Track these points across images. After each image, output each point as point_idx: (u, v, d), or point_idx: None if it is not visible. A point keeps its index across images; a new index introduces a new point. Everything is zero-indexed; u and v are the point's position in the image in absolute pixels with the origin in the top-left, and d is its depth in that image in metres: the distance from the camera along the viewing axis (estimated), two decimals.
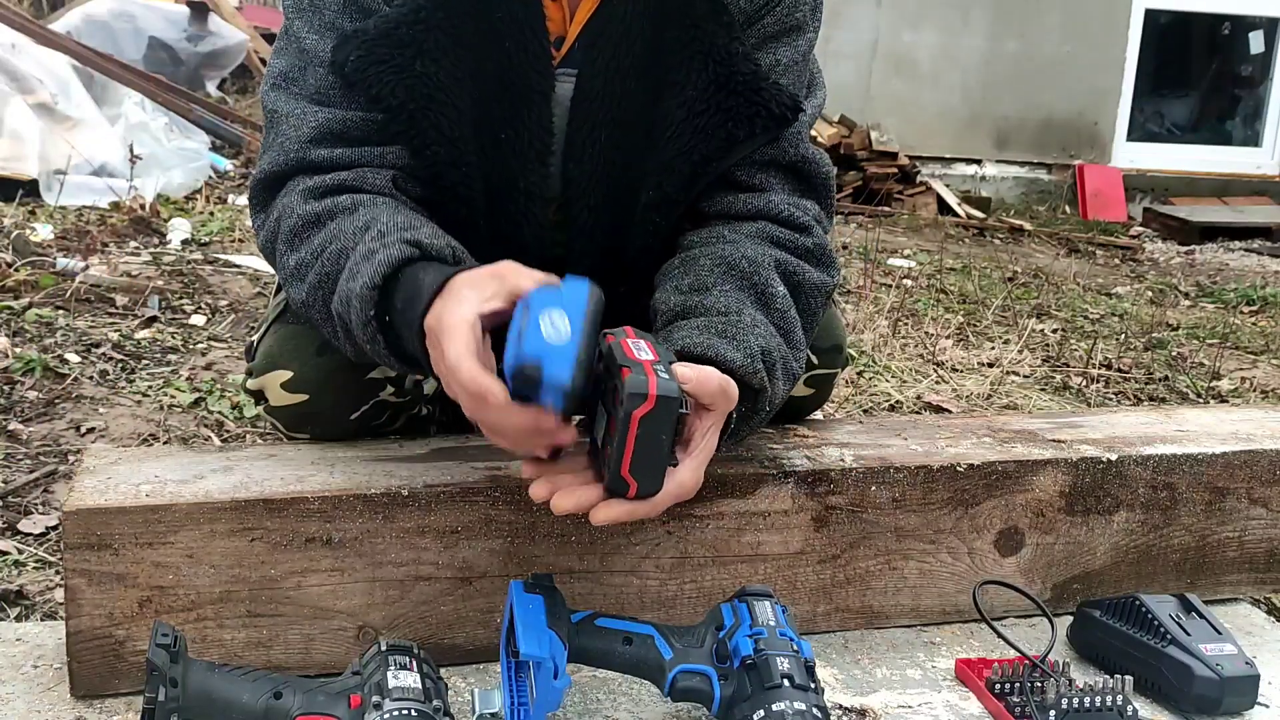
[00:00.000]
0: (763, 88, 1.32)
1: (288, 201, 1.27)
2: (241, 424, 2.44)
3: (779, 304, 1.29)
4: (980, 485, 1.44)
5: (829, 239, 1.41)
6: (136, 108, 5.22)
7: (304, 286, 1.23)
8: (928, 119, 7.07)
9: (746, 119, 1.32)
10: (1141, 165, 7.44)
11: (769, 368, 1.23)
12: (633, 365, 1.05)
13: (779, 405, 1.30)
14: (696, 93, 1.31)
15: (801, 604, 1.41)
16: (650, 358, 1.07)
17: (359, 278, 1.13)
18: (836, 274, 1.39)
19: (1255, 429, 1.64)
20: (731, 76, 1.31)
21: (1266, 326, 4.48)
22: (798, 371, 1.31)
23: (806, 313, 1.34)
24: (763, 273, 1.29)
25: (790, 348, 1.29)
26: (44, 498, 2.03)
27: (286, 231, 1.26)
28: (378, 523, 1.24)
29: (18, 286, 3.17)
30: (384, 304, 1.12)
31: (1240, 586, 1.61)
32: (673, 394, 1.04)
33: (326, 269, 1.20)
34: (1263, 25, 7.70)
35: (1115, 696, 1.23)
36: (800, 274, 1.34)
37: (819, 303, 1.37)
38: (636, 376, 1.04)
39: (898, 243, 5.56)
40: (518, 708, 1.15)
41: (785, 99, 1.33)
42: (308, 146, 1.28)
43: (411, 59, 1.26)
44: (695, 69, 1.31)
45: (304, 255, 1.23)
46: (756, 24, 1.35)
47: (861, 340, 3.44)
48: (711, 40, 1.31)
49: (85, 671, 1.20)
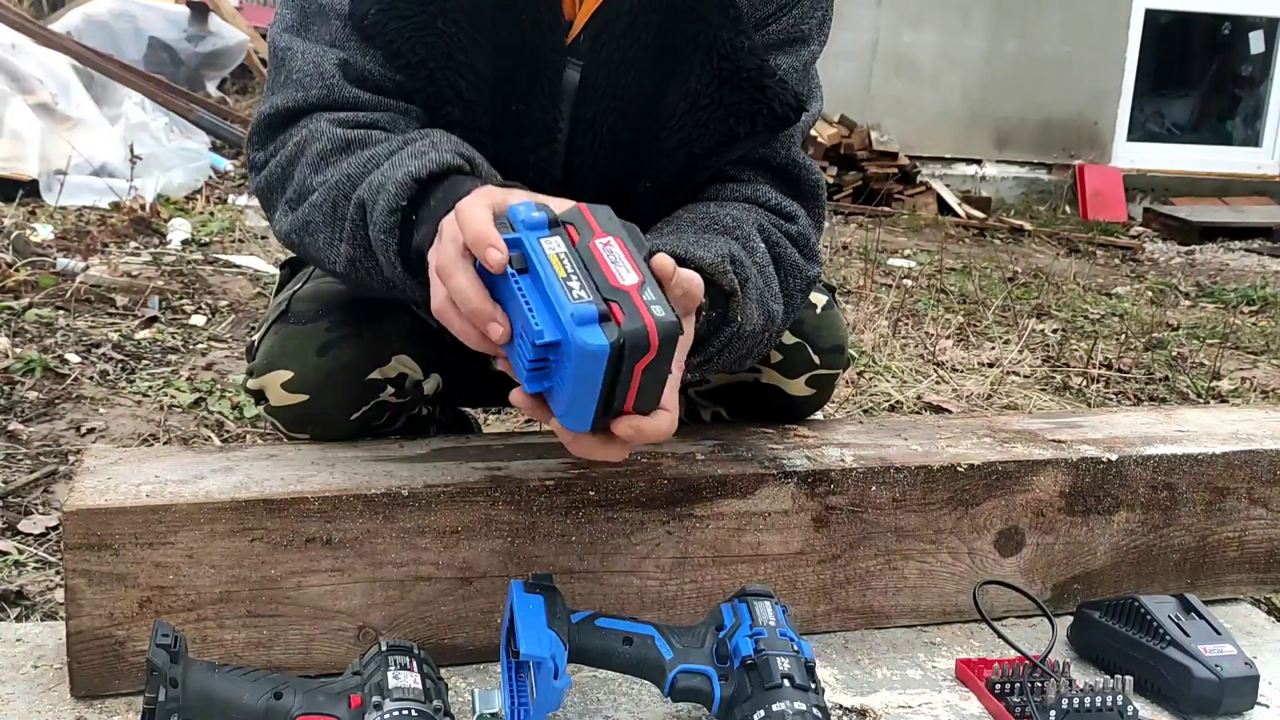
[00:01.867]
0: (767, 85, 1.32)
1: (316, 126, 1.24)
2: (241, 424, 2.44)
3: (758, 257, 1.27)
4: (980, 485, 1.44)
5: (814, 236, 1.40)
6: (136, 108, 5.22)
7: (317, 193, 1.20)
8: (928, 119, 7.07)
9: (748, 115, 1.31)
10: (1142, 165, 7.44)
11: (741, 279, 1.20)
12: (621, 300, 0.97)
13: (750, 339, 1.25)
14: (700, 86, 1.31)
15: (802, 604, 1.41)
16: (634, 279, 0.99)
17: (402, 168, 1.11)
18: (818, 267, 1.38)
19: (1255, 429, 1.64)
20: (736, 71, 1.31)
21: (1266, 326, 4.48)
22: (775, 315, 1.28)
23: (785, 289, 1.32)
24: (746, 228, 1.28)
25: (771, 299, 1.26)
26: (44, 498, 2.04)
27: (314, 154, 1.22)
28: (378, 523, 1.24)
29: (18, 286, 3.17)
30: (415, 202, 1.11)
31: (1240, 586, 1.61)
32: (672, 329, 0.98)
33: (353, 170, 1.17)
34: (1263, 25, 7.70)
35: (1115, 697, 1.23)
36: (782, 247, 1.32)
37: (798, 285, 1.34)
38: (632, 324, 0.96)
39: (898, 243, 5.56)
40: (518, 708, 1.15)
41: (789, 98, 1.33)
42: (333, 84, 1.26)
43: (433, 16, 1.25)
44: (699, 61, 1.31)
45: (330, 174, 1.20)
46: (763, 29, 1.35)
47: (861, 340, 3.44)
48: (717, 33, 1.30)
49: (85, 671, 1.20)
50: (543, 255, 0.99)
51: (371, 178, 1.14)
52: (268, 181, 1.28)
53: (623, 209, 1.36)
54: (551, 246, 0.99)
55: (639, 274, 1.00)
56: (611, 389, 0.99)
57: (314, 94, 1.26)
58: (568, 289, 0.96)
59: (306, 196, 1.22)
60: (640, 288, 0.98)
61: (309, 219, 1.22)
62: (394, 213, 1.11)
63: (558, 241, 1.00)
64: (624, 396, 1.00)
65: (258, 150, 1.30)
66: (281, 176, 1.26)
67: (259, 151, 1.30)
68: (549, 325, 0.96)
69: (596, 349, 0.94)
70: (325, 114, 1.25)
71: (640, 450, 1.39)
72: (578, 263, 0.99)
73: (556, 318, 0.96)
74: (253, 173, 1.32)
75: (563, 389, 0.99)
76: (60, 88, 4.95)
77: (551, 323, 0.96)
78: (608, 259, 1.00)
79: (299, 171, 1.23)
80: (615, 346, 0.95)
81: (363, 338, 1.32)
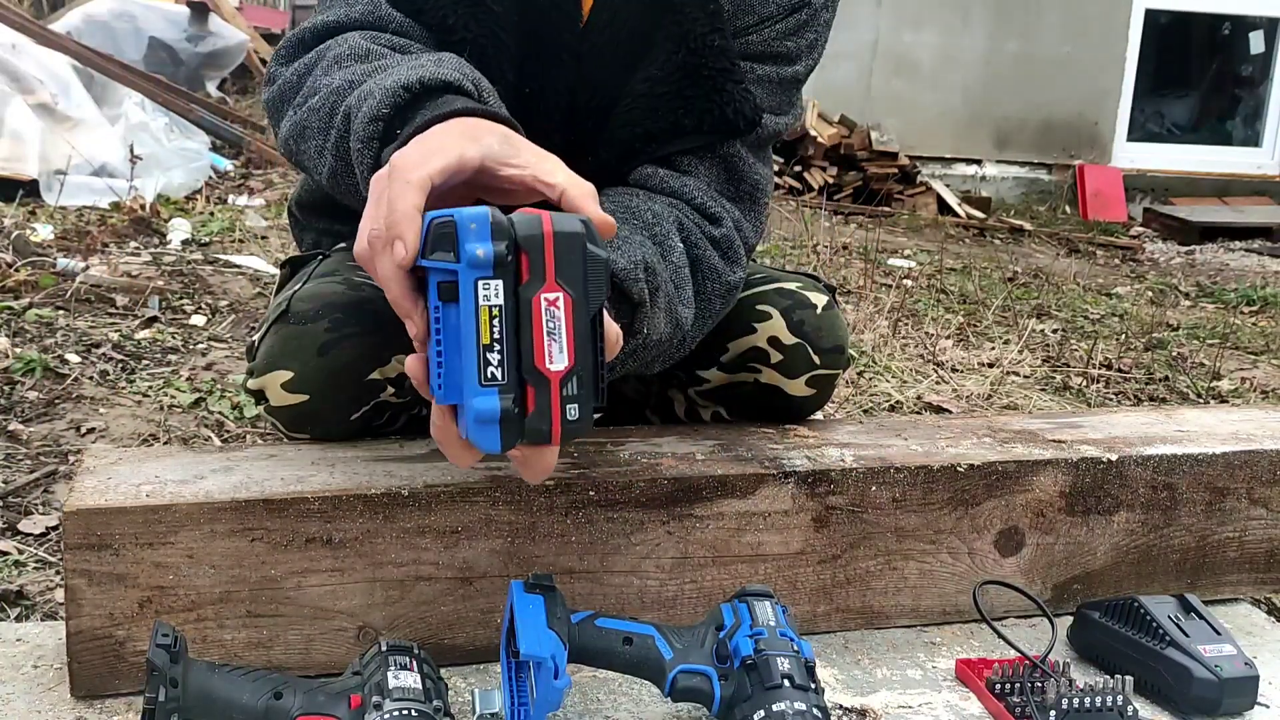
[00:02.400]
0: (727, 88, 1.31)
1: (345, 36, 1.21)
2: (241, 424, 2.44)
3: (674, 258, 1.26)
4: (980, 485, 1.44)
5: (740, 238, 1.38)
6: (136, 108, 5.22)
7: (319, 95, 1.16)
8: (928, 119, 7.07)
9: (699, 112, 1.31)
10: (1142, 165, 7.44)
11: (651, 288, 1.18)
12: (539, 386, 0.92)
13: (655, 348, 1.23)
14: (660, 73, 1.31)
15: (802, 604, 1.41)
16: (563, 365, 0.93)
17: (392, 76, 1.07)
18: (741, 271, 1.36)
19: (1255, 429, 1.64)
20: (699, 67, 1.30)
21: (1266, 326, 4.48)
22: (684, 322, 1.25)
23: (701, 294, 1.31)
24: (665, 225, 1.27)
25: (681, 304, 1.25)
26: (44, 498, 2.03)
27: (331, 58, 1.18)
28: (378, 523, 1.24)
29: (18, 286, 3.17)
30: (402, 112, 1.06)
31: (1240, 586, 1.61)
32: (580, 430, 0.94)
33: (357, 76, 1.13)
34: (1263, 25, 7.70)
35: (1115, 697, 1.23)
36: (701, 249, 1.31)
37: (715, 290, 1.33)
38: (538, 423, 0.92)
39: (898, 243, 5.56)
40: (518, 708, 1.15)
41: (747, 108, 1.32)
42: (382, 4, 1.24)
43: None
44: (667, 50, 1.31)
45: (334, 79, 1.15)
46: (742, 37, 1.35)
47: (861, 340, 3.44)
48: (690, 27, 1.31)
49: (85, 671, 1.20)
50: (472, 308, 0.90)
51: (365, 86, 1.10)
52: (281, 90, 1.24)
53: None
54: (488, 296, 0.91)
55: (570, 357, 0.92)
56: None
57: (357, 10, 1.24)
58: (483, 361, 0.90)
59: (309, 98, 1.17)
60: (565, 378, 0.92)
61: (306, 123, 1.17)
62: (375, 121, 1.06)
63: (497, 290, 0.91)
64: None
65: (282, 65, 1.26)
66: (296, 84, 1.22)
67: (283, 66, 1.25)
68: (449, 388, 0.93)
69: (485, 447, 0.93)
70: (360, 31, 1.22)
71: (641, 450, 1.39)
72: (508, 327, 0.91)
73: (459, 388, 0.92)
74: (268, 85, 1.28)
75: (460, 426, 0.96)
76: (60, 88, 4.95)
77: (452, 388, 0.93)
78: (545, 328, 0.91)
79: (313, 75, 1.20)
80: (507, 444, 0.92)
81: (363, 338, 1.32)
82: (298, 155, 1.23)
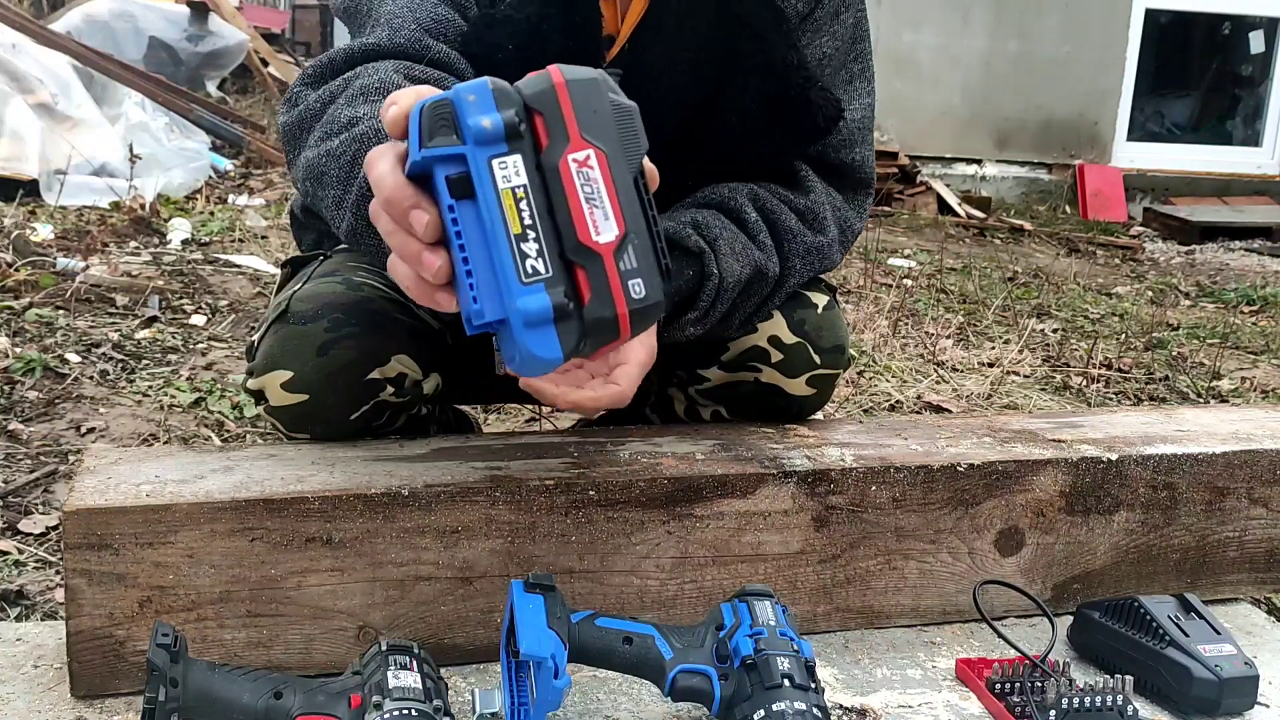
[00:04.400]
0: (810, 98, 1.35)
1: (378, 66, 1.16)
2: (241, 424, 2.44)
3: (745, 216, 1.31)
4: (980, 485, 1.44)
5: (835, 216, 1.43)
6: (136, 108, 5.23)
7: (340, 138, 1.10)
8: (928, 119, 7.07)
9: (793, 129, 1.36)
10: (1142, 165, 7.44)
11: (709, 238, 1.23)
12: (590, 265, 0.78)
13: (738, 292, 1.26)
14: (752, 104, 1.35)
15: (802, 604, 1.41)
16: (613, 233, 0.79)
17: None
18: (822, 238, 1.40)
19: (1255, 429, 1.64)
20: (785, 89, 1.34)
21: (1266, 326, 4.48)
22: (766, 271, 1.26)
23: (781, 253, 1.35)
24: (738, 199, 1.33)
25: (758, 250, 1.29)
26: (44, 498, 2.04)
27: (358, 88, 1.14)
28: (378, 523, 1.24)
29: (18, 286, 3.17)
30: None
31: (1240, 586, 1.61)
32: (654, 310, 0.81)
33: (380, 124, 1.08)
34: (1263, 25, 7.70)
35: (1115, 696, 1.23)
36: (778, 214, 1.36)
37: (796, 249, 1.37)
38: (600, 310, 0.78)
39: (898, 243, 5.56)
40: (518, 708, 1.15)
41: (830, 109, 1.37)
42: (424, 35, 1.22)
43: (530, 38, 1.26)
44: (755, 82, 1.34)
45: (362, 115, 1.10)
46: (808, 19, 1.40)
47: (861, 340, 3.44)
48: (771, 52, 1.34)
49: (85, 671, 1.20)
50: (492, 196, 0.77)
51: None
52: (302, 116, 1.18)
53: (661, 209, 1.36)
54: (507, 177, 0.77)
55: (619, 223, 0.78)
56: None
57: (402, 37, 1.20)
58: (519, 255, 0.77)
59: (331, 137, 1.11)
60: (619, 247, 0.78)
61: (324, 169, 1.12)
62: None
63: (516, 166, 0.78)
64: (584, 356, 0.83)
65: (308, 87, 1.20)
66: (318, 112, 1.16)
67: (309, 89, 1.20)
68: (488, 301, 0.79)
69: (547, 360, 0.78)
70: (393, 61, 1.17)
71: (641, 450, 1.39)
72: (540, 202, 0.77)
73: (498, 297, 0.78)
74: (287, 107, 1.21)
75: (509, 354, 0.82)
76: (60, 88, 4.95)
77: (490, 300, 0.78)
78: (582, 195, 0.78)
79: (336, 104, 1.14)
80: (569, 347, 0.78)
81: (362, 338, 1.32)
82: (313, 197, 1.17)
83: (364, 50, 1.21)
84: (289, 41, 10.69)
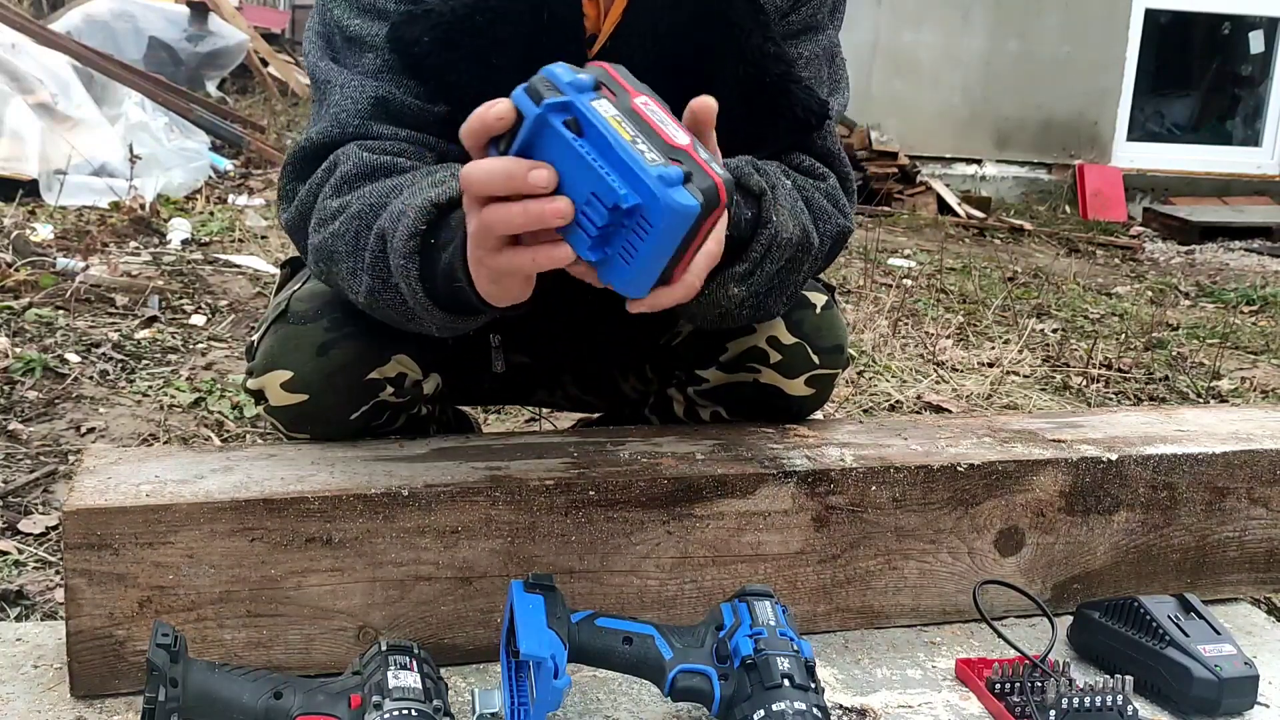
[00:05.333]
0: (791, 89, 1.34)
1: (347, 151, 1.24)
2: (241, 424, 2.44)
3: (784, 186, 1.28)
4: (980, 485, 1.44)
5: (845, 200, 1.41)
6: (136, 108, 5.23)
7: (338, 220, 1.19)
8: (928, 119, 7.07)
9: (772, 120, 1.34)
10: (1141, 165, 7.44)
11: (770, 185, 1.21)
12: (683, 158, 0.95)
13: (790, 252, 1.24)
14: (728, 91, 1.32)
15: (801, 604, 1.41)
16: (686, 138, 0.97)
17: (422, 194, 1.11)
18: (847, 220, 1.39)
19: (1255, 429, 1.64)
20: (762, 77, 1.33)
21: (1266, 326, 4.48)
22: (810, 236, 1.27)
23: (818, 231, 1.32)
24: (772, 171, 1.29)
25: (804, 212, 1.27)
26: (44, 498, 2.04)
27: (339, 177, 1.22)
28: (378, 523, 1.24)
29: (18, 286, 3.17)
30: (435, 228, 1.10)
31: (1240, 586, 1.61)
32: (732, 185, 1.00)
33: (375, 200, 1.17)
34: (1263, 25, 7.70)
35: (1115, 696, 1.23)
36: (809, 193, 1.34)
37: (828, 230, 1.34)
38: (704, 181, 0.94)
39: (898, 242, 5.56)
40: (518, 708, 1.15)
41: (813, 103, 1.35)
42: (364, 118, 1.27)
43: (485, 48, 1.26)
44: (729, 69, 1.33)
45: (351, 198, 1.19)
46: (784, 19, 1.38)
47: (861, 340, 3.44)
48: (747, 40, 1.33)
49: (85, 671, 1.20)
50: (603, 118, 0.94)
51: (392, 206, 1.14)
52: (300, 210, 1.28)
53: None
54: (603, 109, 0.95)
55: (686, 133, 0.98)
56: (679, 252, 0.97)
57: (351, 130, 1.27)
58: (640, 151, 0.93)
59: (329, 223, 1.21)
60: (694, 146, 0.97)
61: (332, 249, 1.21)
62: (413, 237, 1.10)
63: (606, 104, 0.95)
64: (678, 261, 0.98)
65: (295, 181, 1.30)
66: (310, 203, 1.26)
67: (297, 183, 1.29)
68: (631, 188, 0.92)
69: (688, 209, 0.92)
70: (361, 142, 1.25)
71: (641, 450, 1.39)
72: (633, 124, 0.95)
73: (637, 179, 0.92)
74: (283, 203, 1.31)
75: (633, 255, 0.96)
76: (60, 88, 4.95)
77: (633, 185, 0.92)
78: (655, 119, 0.97)
79: (323, 195, 1.24)
80: (695, 203, 0.93)
81: (362, 338, 1.32)
82: (328, 276, 1.25)
83: (323, 144, 1.28)
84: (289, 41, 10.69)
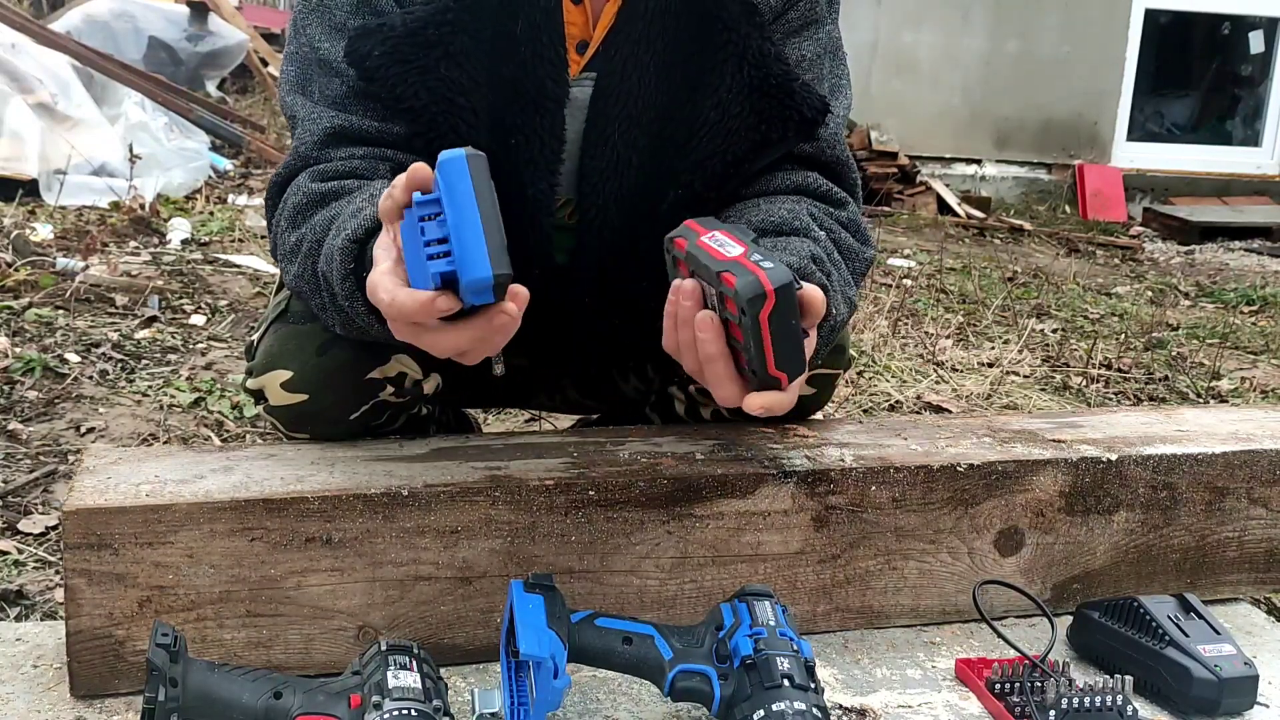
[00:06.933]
0: (795, 90, 1.34)
1: (297, 183, 1.28)
2: (241, 424, 2.44)
3: (824, 246, 1.30)
4: (980, 485, 1.44)
5: (863, 222, 1.43)
6: (136, 108, 5.22)
7: (297, 259, 1.24)
8: (928, 119, 7.07)
9: (779, 121, 1.34)
10: (1141, 165, 7.44)
11: (826, 274, 1.24)
12: (732, 267, 1.04)
13: (840, 329, 1.30)
14: (731, 95, 1.33)
15: (801, 604, 1.41)
16: (739, 250, 1.07)
17: (341, 233, 1.14)
18: (872, 250, 1.41)
19: (1255, 429, 1.64)
20: (765, 79, 1.33)
21: (1266, 326, 4.48)
22: (853, 299, 1.32)
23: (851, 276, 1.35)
24: (803, 220, 1.31)
25: (843, 281, 1.30)
26: (44, 498, 2.03)
27: (290, 209, 1.26)
28: (378, 523, 1.24)
29: (18, 286, 3.17)
30: (363, 262, 1.12)
31: (1240, 586, 1.61)
32: (786, 279, 1.04)
33: (318, 235, 1.21)
34: (1263, 25, 7.70)
35: (1115, 696, 1.23)
36: (838, 234, 1.35)
37: (858, 269, 1.37)
38: (744, 279, 1.03)
39: (898, 242, 5.56)
40: (518, 708, 1.15)
41: (816, 102, 1.35)
42: (320, 148, 1.30)
43: (436, 61, 1.27)
44: (730, 71, 1.33)
45: (304, 232, 1.24)
46: (780, 19, 1.38)
47: (861, 340, 3.44)
48: (745, 42, 1.33)
49: (85, 671, 1.20)
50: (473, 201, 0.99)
51: (326, 245, 1.18)
52: (273, 244, 1.33)
53: (648, 220, 1.36)
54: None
55: (744, 245, 1.08)
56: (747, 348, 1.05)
57: (304, 158, 1.30)
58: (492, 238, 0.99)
59: (291, 261, 1.26)
60: (747, 254, 1.05)
61: (298, 289, 1.27)
62: (346, 280, 1.14)
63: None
64: (761, 356, 1.05)
65: (269, 214, 1.35)
66: (275, 239, 1.31)
67: (271, 213, 1.34)
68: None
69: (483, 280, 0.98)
70: (306, 171, 1.29)
71: (641, 450, 1.39)
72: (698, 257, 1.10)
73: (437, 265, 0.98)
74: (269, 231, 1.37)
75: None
76: (60, 88, 4.95)
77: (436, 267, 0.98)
78: (714, 245, 1.09)
79: (280, 231, 1.29)
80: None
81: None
82: (309, 307, 1.30)
83: (285, 177, 1.32)
84: None
